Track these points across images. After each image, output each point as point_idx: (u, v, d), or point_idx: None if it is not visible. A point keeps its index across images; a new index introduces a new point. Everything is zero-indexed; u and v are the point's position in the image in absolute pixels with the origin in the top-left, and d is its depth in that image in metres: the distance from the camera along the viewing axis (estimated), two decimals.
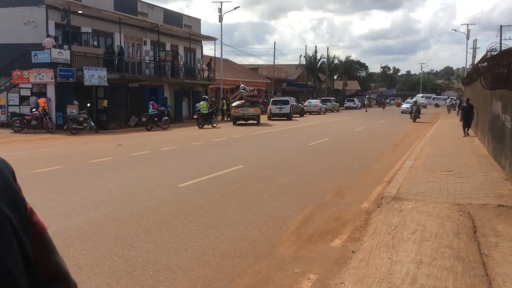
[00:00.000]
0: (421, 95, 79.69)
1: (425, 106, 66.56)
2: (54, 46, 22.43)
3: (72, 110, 22.30)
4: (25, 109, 22.91)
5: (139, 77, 28.93)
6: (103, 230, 6.15)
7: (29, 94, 23.27)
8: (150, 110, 24.94)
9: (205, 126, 26.22)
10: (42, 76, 22.49)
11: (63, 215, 6.89)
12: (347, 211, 7.41)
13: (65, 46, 23.50)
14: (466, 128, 19.64)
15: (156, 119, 24.78)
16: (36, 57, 22.46)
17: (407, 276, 4.48)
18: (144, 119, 24.89)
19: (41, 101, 22.44)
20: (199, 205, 7.62)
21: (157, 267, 4.90)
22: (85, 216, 6.86)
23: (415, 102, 34.99)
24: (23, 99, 23.51)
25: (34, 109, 22.05)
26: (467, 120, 19.59)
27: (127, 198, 8.07)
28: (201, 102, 27.51)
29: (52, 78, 22.29)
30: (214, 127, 26.64)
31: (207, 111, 26.74)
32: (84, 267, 4.85)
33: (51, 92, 23.03)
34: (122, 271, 4.77)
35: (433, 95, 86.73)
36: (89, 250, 5.37)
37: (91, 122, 22.11)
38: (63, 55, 22.63)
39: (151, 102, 25.53)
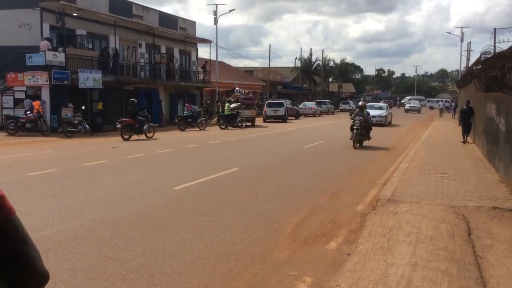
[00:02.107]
0: (409, 97, 76.49)
1: (418, 111, 56.27)
2: (49, 49, 22.37)
3: (67, 112, 22.21)
4: (20, 112, 22.81)
5: (134, 80, 28.89)
6: (97, 234, 6.13)
7: (24, 97, 23.19)
8: (185, 112, 27.78)
9: (228, 127, 27.68)
10: (37, 78, 22.40)
11: (57, 218, 6.85)
12: (342, 213, 7.42)
13: (60, 49, 23.40)
14: (466, 134, 17.83)
15: (189, 120, 26.61)
16: (30, 59, 22.37)
17: (402, 278, 4.49)
18: (176, 120, 27.14)
19: (36, 103, 22.36)
20: (194, 208, 7.61)
21: (152, 270, 4.88)
22: (80, 219, 6.83)
23: (362, 108, 17.48)
24: (17, 102, 23.42)
25: (29, 112, 21.96)
26: (466, 125, 17.74)
27: (122, 201, 8.04)
28: (226, 104, 29.31)
29: (46, 81, 22.20)
30: (241, 127, 27.86)
31: (230, 113, 28.33)
32: (78, 271, 4.83)
33: (45, 94, 22.94)
34: (116, 275, 4.75)
35: (423, 97, 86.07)
36: (83, 254, 5.34)
37: (86, 125, 22.03)
38: (58, 57, 22.55)
39: (186, 105, 28.84)
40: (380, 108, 32.22)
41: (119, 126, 19.92)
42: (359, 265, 4.87)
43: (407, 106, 60.27)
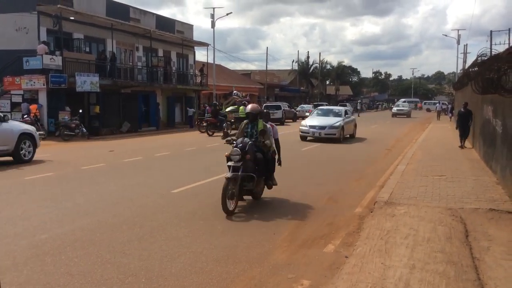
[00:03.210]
0: (403, 99, 73.17)
1: (408, 115, 50.13)
2: (46, 53, 22.35)
3: (64, 116, 22.20)
4: (17, 116, 22.69)
5: (132, 83, 28.88)
6: (95, 237, 6.12)
7: (21, 101, 23.11)
8: (205, 115, 28.85)
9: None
10: (34, 82, 22.38)
11: (55, 222, 6.84)
12: (340, 216, 7.43)
13: (57, 52, 23.41)
14: (463, 138, 17.22)
15: None
16: (27, 63, 22.36)
17: (400, 281, 4.49)
18: (196, 123, 29.06)
19: (33, 107, 22.34)
20: (192, 211, 7.61)
21: (150, 274, 4.88)
22: (78, 223, 6.82)
23: (253, 116, 8.44)
24: (14, 106, 23.32)
25: (26, 116, 21.91)
26: (464, 128, 17.11)
27: (120, 205, 8.03)
28: (240, 107, 28.91)
29: (44, 84, 22.19)
30: None
31: (244, 115, 27.66)
32: (76, 275, 4.82)
33: (42, 98, 22.92)
34: (114, 279, 4.74)
35: (417, 99, 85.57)
36: (81, 258, 5.34)
37: (83, 128, 22.03)
38: (55, 61, 22.54)
39: (206, 108, 29.62)
40: (338, 114, 21.93)
41: (204, 124, 25.25)
42: (357, 268, 4.88)
43: (394, 109, 53.56)
